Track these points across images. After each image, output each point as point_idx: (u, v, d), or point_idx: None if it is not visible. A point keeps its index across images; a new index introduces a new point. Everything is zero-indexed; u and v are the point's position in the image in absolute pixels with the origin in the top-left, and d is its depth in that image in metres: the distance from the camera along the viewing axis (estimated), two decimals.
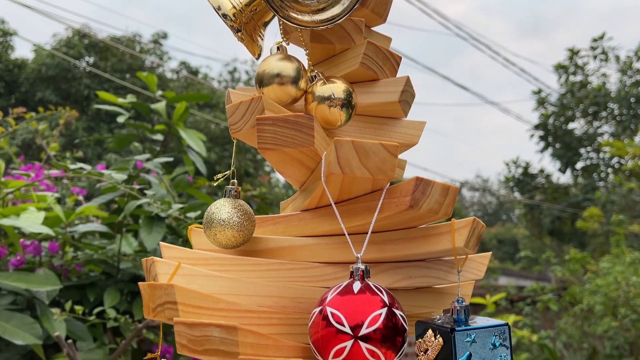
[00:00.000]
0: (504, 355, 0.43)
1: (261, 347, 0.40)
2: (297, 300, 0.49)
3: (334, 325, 0.40)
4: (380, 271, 0.51)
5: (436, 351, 0.43)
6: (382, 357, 0.40)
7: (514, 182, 10.07)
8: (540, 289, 4.74)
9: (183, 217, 1.50)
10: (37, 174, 1.75)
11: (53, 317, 1.41)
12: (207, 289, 0.45)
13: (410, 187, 0.45)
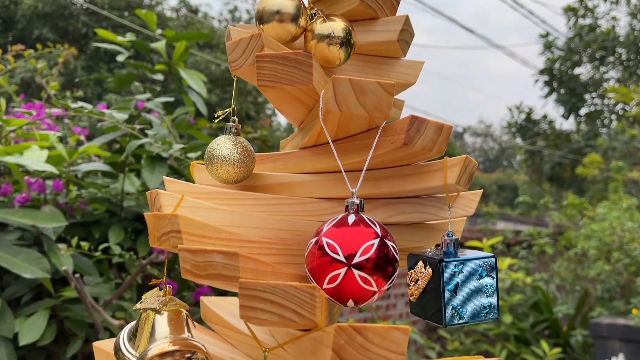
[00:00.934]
0: (489, 285, 0.45)
1: (260, 273, 0.42)
2: (295, 233, 0.51)
3: (329, 255, 0.43)
4: (375, 207, 0.53)
5: (426, 281, 0.45)
6: (374, 284, 0.43)
7: (516, 127, 10.03)
8: (537, 234, 4.82)
9: (184, 157, 1.52)
10: (38, 112, 1.75)
11: (60, 253, 1.45)
12: (209, 220, 0.47)
13: (405, 125, 0.46)
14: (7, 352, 1.42)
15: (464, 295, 0.44)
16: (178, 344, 0.44)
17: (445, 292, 0.44)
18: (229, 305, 0.66)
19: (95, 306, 1.40)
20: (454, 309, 0.43)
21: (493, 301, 0.45)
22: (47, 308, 1.43)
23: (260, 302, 0.39)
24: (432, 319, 0.45)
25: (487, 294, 0.45)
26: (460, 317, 0.44)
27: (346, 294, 0.43)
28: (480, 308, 0.44)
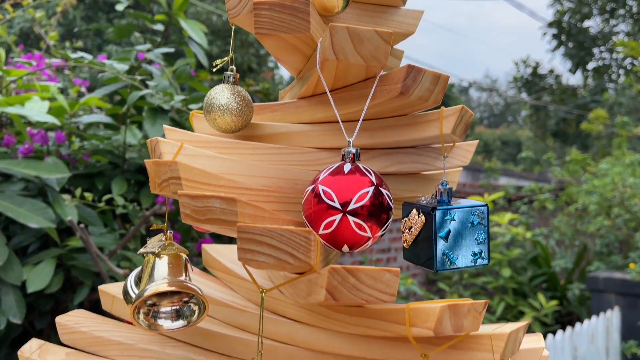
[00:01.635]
0: (480, 232, 0.47)
1: (258, 219, 0.43)
2: (293, 182, 0.52)
3: (325, 202, 0.44)
4: (372, 157, 0.54)
5: (419, 228, 0.47)
6: (368, 230, 0.44)
7: (522, 82, 9.90)
8: (539, 189, 4.84)
9: (185, 108, 1.52)
10: (38, 63, 1.74)
11: (64, 203, 1.47)
12: (208, 169, 0.48)
13: (402, 75, 0.46)
14: (15, 299, 1.46)
15: (456, 242, 0.45)
16: (174, 285, 0.45)
17: (437, 238, 0.45)
18: (230, 252, 0.67)
19: (101, 255, 1.43)
20: (445, 255, 0.45)
21: (484, 248, 0.46)
22: (53, 257, 1.47)
23: (257, 245, 0.40)
24: (425, 264, 0.46)
25: (478, 241, 0.46)
26: (451, 262, 0.45)
27: (341, 239, 0.44)
28: (471, 254, 0.46)
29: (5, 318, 1.42)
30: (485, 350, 0.42)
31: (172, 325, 0.47)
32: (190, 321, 0.47)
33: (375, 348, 0.48)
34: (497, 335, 0.42)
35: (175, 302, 0.47)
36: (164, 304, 0.47)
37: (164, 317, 0.47)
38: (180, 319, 0.47)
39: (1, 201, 1.37)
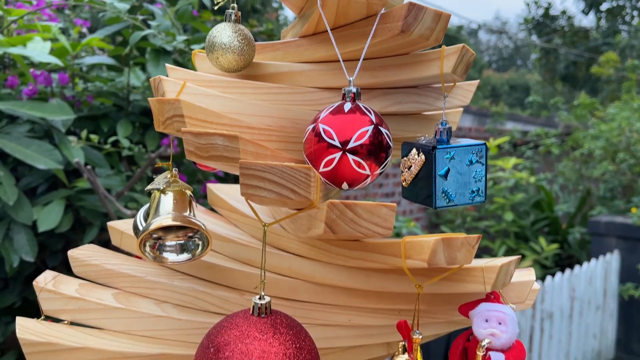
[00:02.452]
0: (479, 171, 0.48)
1: (260, 156, 0.44)
2: (294, 121, 0.53)
3: (325, 140, 0.45)
4: (373, 97, 0.55)
5: (418, 167, 0.48)
6: (367, 168, 0.45)
7: (532, 24, 9.64)
8: (545, 134, 4.81)
9: (188, 49, 1.50)
10: (38, 2, 1.71)
11: (70, 145, 1.49)
12: (210, 107, 0.49)
13: (403, 12, 0.46)
14: (27, 238, 1.50)
15: (454, 180, 0.46)
16: (179, 220, 0.47)
17: (436, 177, 0.46)
18: (234, 191, 0.69)
19: (108, 197, 1.45)
20: (444, 192, 0.46)
21: (481, 186, 0.48)
22: (62, 198, 1.50)
23: (259, 181, 0.42)
24: (424, 202, 0.48)
25: (476, 179, 0.47)
26: (449, 200, 0.46)
27: (341, 177, 0.45)
28: (469, 192, 0.47)
29: (18, 256, 1.46)
30: (477, 282, 0.44)
31: (177, 259, 0.49)
32: (194, 255, 0.49)
33: (373, 280, 0.50)
34: (489, 268, 0.44)
35: (180, 236, 0.49)
36: (169, 238, 0.49)
37: (169, 250, 0.49)
38: (185, 252, 0.49)
39: (8, 142, 1.39)
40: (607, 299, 3.31)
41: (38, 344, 0.46)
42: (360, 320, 0.54)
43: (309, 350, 0.43)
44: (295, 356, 0.41)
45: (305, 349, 0.42)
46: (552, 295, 2.82)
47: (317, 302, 0.54)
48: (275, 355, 0.41)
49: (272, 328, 0.42)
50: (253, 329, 0.42)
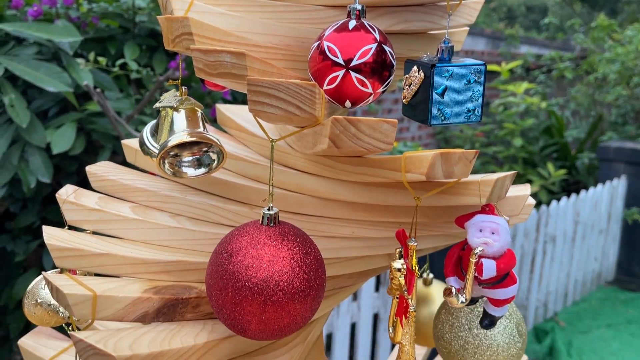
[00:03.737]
0: (476, 90, 0.49)
1: (267, 74, 0.46)
2: (301, 40, 0.54)
3: (329, 58, 0.46)
4: (378, 15, 0.55)
5: (418, 85, 0.49)
6: (370, 86, 0.46)
7: None
8: (559, 58, 4.69)
9: None
10: None
11: (79, 67, 1.49)
12: (218, 25, 0.50)
13: None
14: (42, 160, 1.54)
15: (451, 98, 0.48)
16: (195, 136, 0.49)
17: (433, 94, 0.47)
18: (242, 111, 0.71)
19: (119, 120, 1.48)
20: (440, 110, 0.47)
21: (477, 106, 0.49)
22: (73, 120, 1.52)
23: (266, 97, 0.43)
24: (421, 120, 0.49)
25: (472, 99, 0.49)
26: (444, 118, 0.48)
27: (344, 95, 0.46)
28: (465, 111, 0.48)
29: (34, 177, 1.51)
30: (473, 195, 0.47)
31: (195, 173, 0.51)
32: (210, 168, 0.51)
33: (375, 194, 0.53)
34: (485, 182, 0.46)
35: (195, 152, 0.51)
36: (185, 155, 0.52)
37: (187, 165, 0.51)
38: (202, 167, 0.52)
39: (17, 64, 1.40)
40: (610, 223, 3.37)
41: (65, 249, 0.50)
42: (363, 232, 0.57)
43: (315, 256, 0.46)
44: (302, 260, 0.45)
45: (311, 254, 0.46)
46: (557, 219, 2.88)
47: (323, 215, 0.57)
48: (283, 260, 0.44)
49: (280, 236, 0.46)
50: (263, 236, 0.45)
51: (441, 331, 0.62)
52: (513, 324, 0.60)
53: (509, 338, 0.59)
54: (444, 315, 0.62)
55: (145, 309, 0.47)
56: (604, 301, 3.22)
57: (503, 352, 0.58)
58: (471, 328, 0.59)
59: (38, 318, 0.58)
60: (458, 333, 0.60)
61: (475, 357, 0.59)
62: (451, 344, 0.60)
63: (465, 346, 0.59)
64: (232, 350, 0.49)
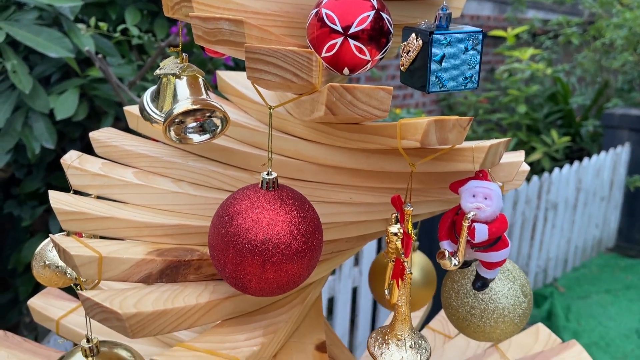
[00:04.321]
0: (473, 57, 0.49)
1: (265, 41, 0.46)
2: (299, 7, 0.54)
3: (327, 25, 0.46)
4: None
5: (416, 52, 0.49)
6: (367, 53, 0.47)
7: None
8: (566, 23, 4.62)
9: None
10: None
11: (80, 33, 1.48)
12: None
13: None
14: (45, 126, 1.55)
15: (449, 66, 0.48)
16: (199, 103, 0.50)
17: (431, 62, 0.48)
18: (242, 78, 0.71)
19: (121, 86, 1.48)
20: (438, 77, 0.48)
21: (475, 73, 0.49)
22: (76, 87, 1.52)
23: (264, 64, 0.44)
24: (419, 87, 0.50)
25: (470, 66, 0.49)
26: (442, 85, 0.48)
27: (342, 62, 0.47)
28: (462, 78, 0.49)
29: (38, 143, 1.52)
30: (467, 162, 0.48)
31: (200, 138, 0.52)
32: (214, 134, 0.52)
33: (372, 160, 0.54)
34: (479, 148, 0.47)
35: (199, 118, 0.52)
36: (189, 121, 0.53)
37: (191, 132, 0.52)
38: (206, 133, 0.53)
39: (19, 30, 1.39)
40: (613, 191, 3.38)
41: (71, 213, 0.51)
42: (361, 198, 0.59)
43: (312, 219, 0.48)
44: (300, 223, 0.46)
45: (309, 217, 0.47)
46: (559, 186, 2.89)
47: (321, 181, 0.59)
48: (282, 223, 0.46)
49: (279, 200, 0.47)
50: (262, 201, 0.47)
51: (448, 299, 0.64)
52: (517, 285, 0.61)
53: (514, 299, 0.61)
54: (450, 284, 0.64)
55: (149, 270, 0.49)
56: (603, 267, 3.25)
57: (509, 314, 0.60)
58: (476, 294, 0.61)
59: (47, 279, 0.60)
60: (464, 299, 0.62)
61: (482, 320, 0.61)
62: (459, 311, 0.62)
63: (472, 311, 0.61)
64: (233, 310, 0.52)
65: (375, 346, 0.51)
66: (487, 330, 0.60)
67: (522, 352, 0.76)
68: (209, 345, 0.46)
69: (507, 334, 0.60)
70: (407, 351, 0.50)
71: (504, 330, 0.60)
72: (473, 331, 0.61)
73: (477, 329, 0.60)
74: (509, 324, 0.60)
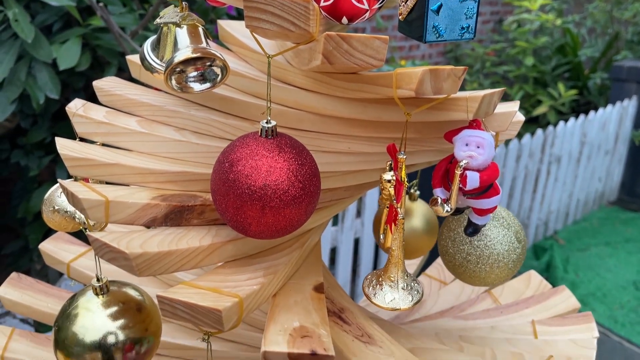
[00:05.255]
0: (470, 8, 0.49)
1: None
2: None
3: None
4: None
5: (414, 1, 0.50)
6: (365, 2, 0.47)
7: None
8: None
9: None
10: None
11: None
12: None
13: None
14: (49, 76, 1.56)
15: (446, 15, 0.49)
16: (199, 52, 0.51)
17: (428, 11, 0.48)
18: (243, 27, 0.72)
19: (123, 35, 1.47)
20: (434, 27, 0.48)
21: (472, 23, 0.50)
22: (78, 36, 1.52)
23: (262, 13, 0.45)
24: (416, 36, 0.50)
25: (467, 16, 0.49)
26: (439, 35, 0.49)
27: (340, 10, 0.48)
28: (459, 28, 0.49)
29: (43, 93, 1.53)
30: (461, 111, 0.49)
31: (201, 87, 0.53)
32: (215, 83, 0.53)
33: (369, 110, 0.55)
34: (472, 98, 0.48)
35: (199, 67, 0.53)
36: (189, 70, 0.53)
37: (192, 80, 0.53)
38: (206, 82, 0.54)
39: None
40: (617, 144, 3.37)
41: (77, 159, 0.53)
42: (359, 147, 0.60)
43: (310, 166, 0.49)
44: (297, 170, 0.48)
45: (306, 165, 0.49)
46: (563, 140, 2.88)
47: (321, 131, 0.60)
48: (280, 170, 0.47)
49: (277, 148, 0.48)
50: (261, 148, 0.48)
51: (445, 247, 0.66)
52: (512, 232, 0.64)
53: (508, 245, 0.63)
54: (446, 232, 0.66)
55: (154, 214, 0.51)
56: (604, 220, 3.29)
57: (504, 259, 0.63)
58: (472, 241, 0.63)
59: (56, 223, 0.63)
60: (460, 247, 0.64)
61: (478, 266, 0.63)
62: (455, 257, 0.64)
63: (468, 257, 0.63)
64: (234, 253, 0.54)
65: (370, 287, 0.54)
66: (482, 276, 0.63)
67: (514, 297, 0.79)
68: (211, 284, 0.48)
69: (501, 278, 0.63)
70: (399, 292, 0.52)
71: (498, 275, 0.63)
72: (469, 276, 0.64)
73: (472, 274, 0.63)
74: (503, 269, 0.62)
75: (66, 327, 0.55)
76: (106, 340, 0.55)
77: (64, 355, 0.56)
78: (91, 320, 0.55)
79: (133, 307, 0.57)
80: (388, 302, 0.52)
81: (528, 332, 0.69)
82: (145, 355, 0.58)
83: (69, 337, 0.55)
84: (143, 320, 0.57)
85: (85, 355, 0.55)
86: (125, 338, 0.55)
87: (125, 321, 0.55)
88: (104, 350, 0.55)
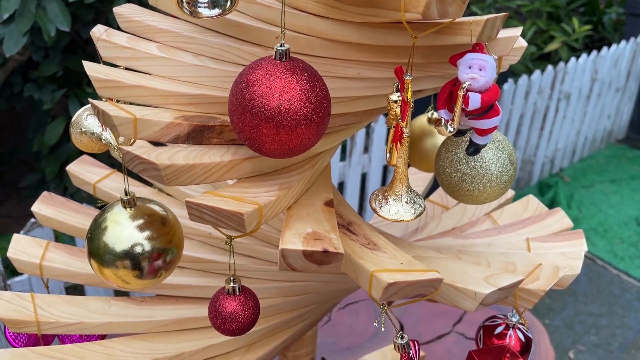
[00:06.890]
0: None
1: None
2: None
3: None
4: None
5: None
6: None
7: None
8: None
9: None
10: None
11: None
12: None
13: None
14: (59, 7, 1.57)
15: None
16: None
17: None
18: None
19: None
20: None
21: None
22: None
23: None
24: None
25: None
26: None
27: None
28: None
29: (54, 26, 1.55)
30: (465, 35, 0.52)
31: (210, 13, 0.56)
32: (224, 10, 0.56)
33: (378, 35, 0.58)
34: (476, 22, 0.51)
35: None
36: None
37: (203, 6, 0.56)
38: (216, 7, 0.56)
39: None
40: (629, 82, 3.34)
41: (105, 80, 0.57)
42: (368, 73, 0.63)
43: (321, 88, 0.53)
44: (309, 92, 0.52)
45: (318, 87, 0.52)
46: (574, 76, 2.86)
47: (331, 57, 0.63)
48: (292, 91, 0.51)
49: (290, 70, 0.52)
50: (275, 70, 0.51)
51: (442, 167, 0.70)
52: (505, 154, 0.67)
53: (502, 167, 0.67)
54: (444, 153, 0.70)
55: (178, 132, 0.55)
56: (611, 158, 3.31)
57: (497, 179, 0.67)
58: (468, 161, 0.67)
59: (84, 144, 0.67)
60: (457, 167, 0.68)
61: (472, 185, 0.67)
62: (451, 177, 0.69)
63: (464, 177, 0.67)
64: (252, 169, 0.58)
65: (376, 202, 0.58)
66: (475, 194, 0.67)
67: (513, 219, 0.84)
68: (233, 194, 0.53)
69: (493, 197, 0.68)
70: (403, 205, 0.57)
71: (490, 194, 0.67)
72: (462, 195, 0.68)
73: (466, 192, 0.67)
74: (495, 188, 0.67)
75: (98, 237, 0.61)
76: (134, 249, 0.60)
77: (97, 262, 0.61)
78: (120, 230, 0.60)
79: (158, 220, 0.62)
80: (393, 214, 0.56)
81: (522, 248, 0.74)
82: (169, 264, 0.64)
83: (100, 247, 0.60)
84: (167, 233, 0.62)
85: (116, 263, 0.60)
86: (151, 248, 0.61)
87: (150, 232, 0.61)
88: (132, 258, 0.60)
